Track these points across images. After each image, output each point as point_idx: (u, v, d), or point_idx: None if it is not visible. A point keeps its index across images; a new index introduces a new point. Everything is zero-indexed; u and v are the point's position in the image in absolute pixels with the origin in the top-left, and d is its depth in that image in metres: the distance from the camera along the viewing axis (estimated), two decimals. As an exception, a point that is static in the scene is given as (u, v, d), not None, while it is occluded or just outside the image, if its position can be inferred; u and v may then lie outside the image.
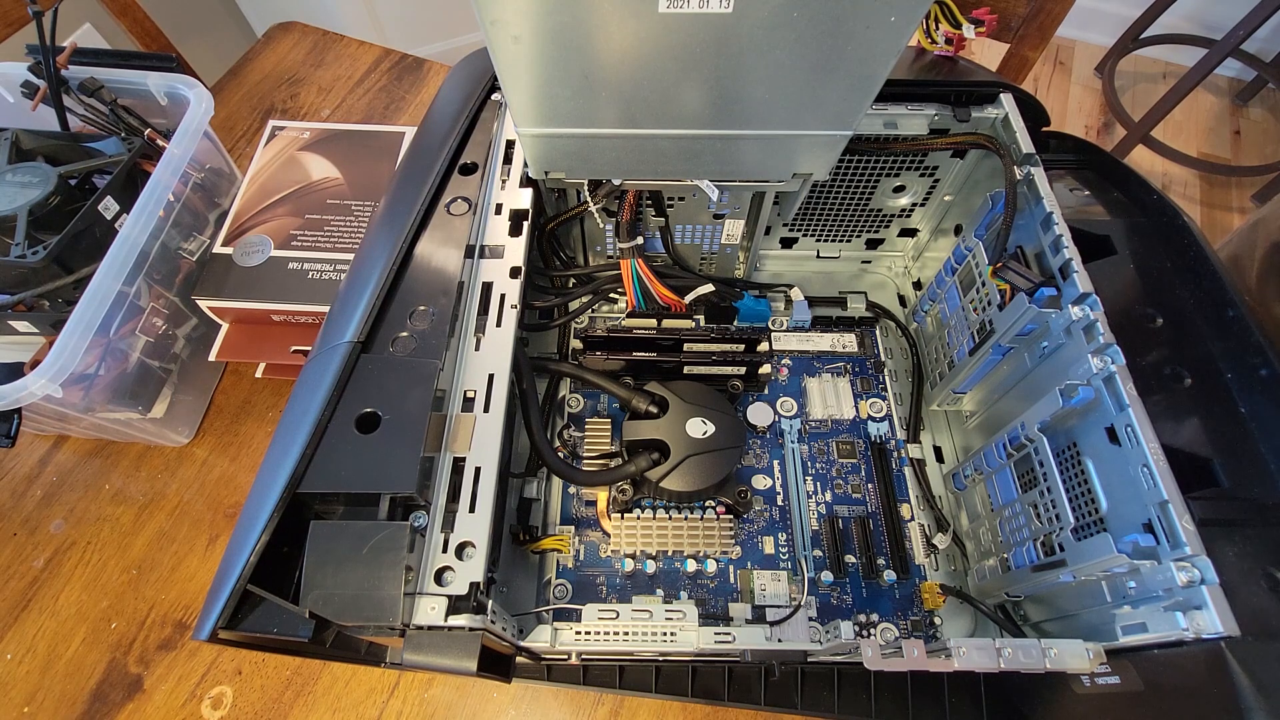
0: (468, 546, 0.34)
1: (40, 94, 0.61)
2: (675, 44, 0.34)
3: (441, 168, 0.46)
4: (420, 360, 0.37)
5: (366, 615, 0.31)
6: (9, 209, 0.53)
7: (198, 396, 0.64)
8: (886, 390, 0.59)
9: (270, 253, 0.61)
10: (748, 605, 0.49)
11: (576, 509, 0.53)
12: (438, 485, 0.36)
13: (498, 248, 0.45)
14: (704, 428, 0.49)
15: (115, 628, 0.54)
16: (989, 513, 0.49)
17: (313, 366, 0.38)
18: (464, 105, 0.49)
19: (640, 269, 0.53)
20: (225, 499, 0.60)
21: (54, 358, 0.46)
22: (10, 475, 0.61)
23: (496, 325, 0.42)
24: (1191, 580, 0.31)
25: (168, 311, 0.60)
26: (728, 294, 0.58)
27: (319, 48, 0.92)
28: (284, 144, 0.68)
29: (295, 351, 0.60)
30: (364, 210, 0.64)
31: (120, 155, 0.59)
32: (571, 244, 0.59)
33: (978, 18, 0.51)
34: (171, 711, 0.51)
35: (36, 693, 0.52)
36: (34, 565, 0.57)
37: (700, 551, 0.50)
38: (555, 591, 0.50)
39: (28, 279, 0.53)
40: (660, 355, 0.53)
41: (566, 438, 0.56)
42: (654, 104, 0.38)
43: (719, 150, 0.42)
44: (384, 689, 0.52)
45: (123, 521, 0.59)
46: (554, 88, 0.37)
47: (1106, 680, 0.34)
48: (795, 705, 0.44)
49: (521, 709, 0.51)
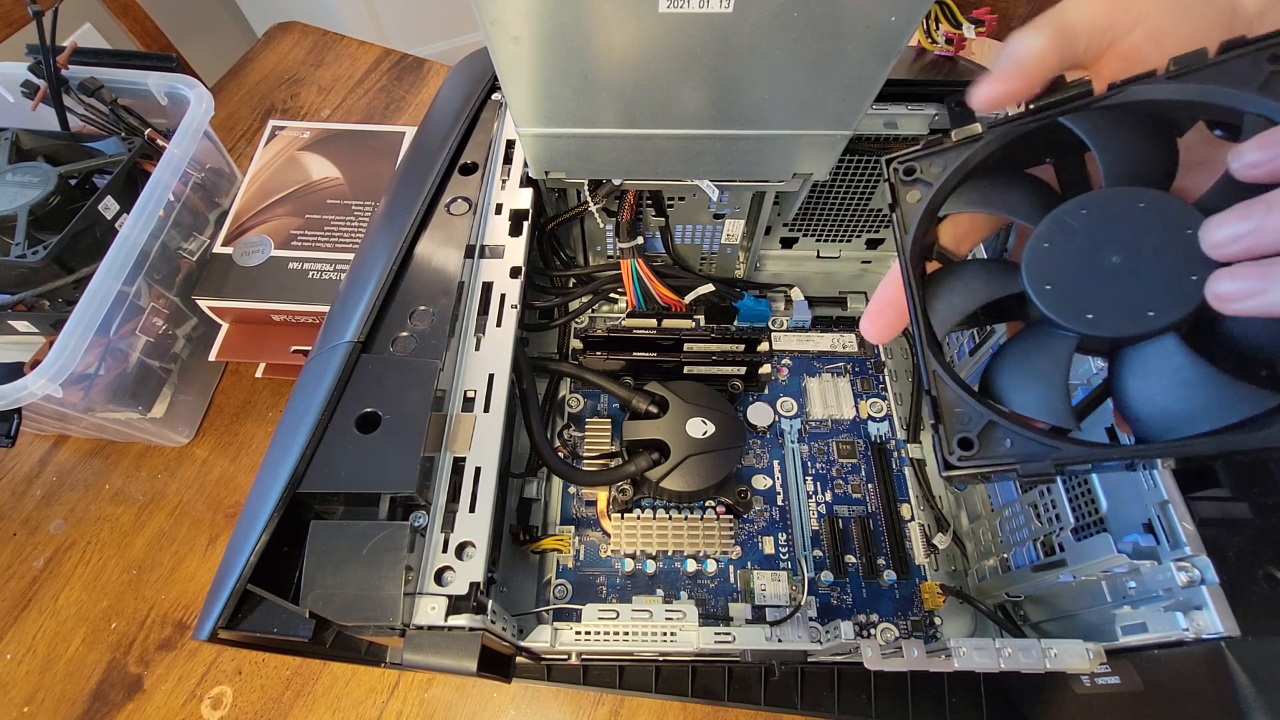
0: (468, 546, 0.34)
1: (40, 94, 0.61)
2: (675, 44, 0.34)
3: (442, 168, 0.46)
4: (420, 360, 0.37)
5: (366, 615, 0.31)
6: (9, 209, 0.53)
7: (198, 396, 0.64)
8: (886, 390, 0.59)
9: (270, 253, 0.61)
10: (748, 605, 0.49)
11: (576, 509, 0.53)
12: (438, 485, 0.36)
13: (498, 248, 0.45)
14: (704, 428, 0.49)
15: (115, 628, 0.54)
16: (989, 513, 0.49)
17: (313, 366, 0.38)
18: (464, 105, 0.49)
19: (640, 269, 0.53)
20: (225, 499, 0.60)
21: (54, 357, 0.46)
22: (10, 475, 0.61)
23: (497, 325, 0.42)
24: (1191, 580, 0.31)
25: (168, 311, 0.60)
26: (728, 294, 0.58)
27: (319, 48, 0.92)
28: (284, 144, 0.68)
29: (295, 351, 0.60)
30: (364, 210, 0.64)
31: (120, 155, 0.59)
32: (571, 244, 0.59)
33: (978, 18, 0.51)
34: (171, 711, 0.51)
35: (36, 693, 0.52)
36: (34, 565, 0.57)
37: (700, 551, 0.50)
38: (555, 591, 0.50)
39: (28, 279, 0.53)
40: (660, 355, 0.53)
41: (566, 438, 0.56)
42: (654, 104, 0.38)
43: (719, 150, 0.42)
44: (384, 689, 0.52)
45: (123, 521, 0.59)
46: (554, 88, 0.37)
47: (1106, 680, 0.34)
48: (795, 705, 0.44)
49: (521, 709, 0.51)
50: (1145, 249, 0.20)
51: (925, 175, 0.25)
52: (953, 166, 0.25)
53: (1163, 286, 0.19)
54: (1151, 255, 0.19)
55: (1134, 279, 0.19)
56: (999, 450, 0.20)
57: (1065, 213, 0.21)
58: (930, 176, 0.25)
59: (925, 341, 0.22)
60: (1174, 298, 0.19)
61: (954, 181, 0.25)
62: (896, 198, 0.25)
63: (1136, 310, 0.19)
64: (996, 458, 0.20)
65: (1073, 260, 0.20)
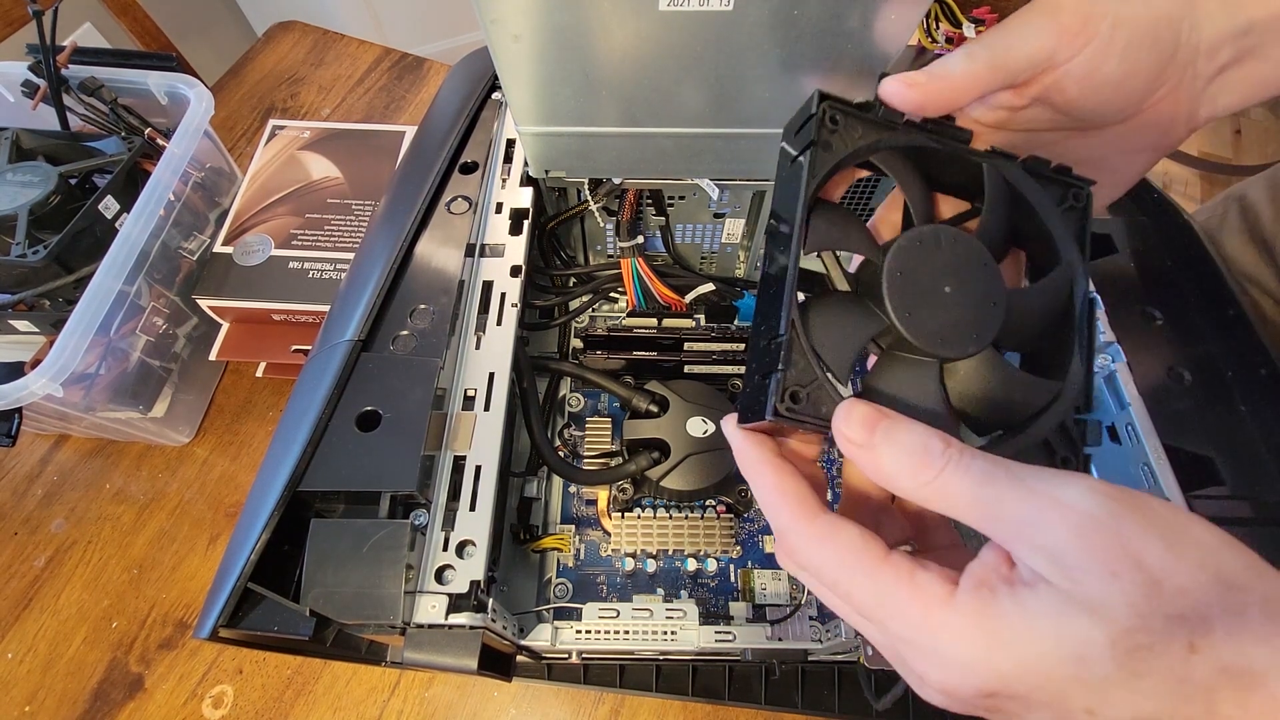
0: (468, 545, 0.34)
1: (40, 93, 0.61)
2: (676, 42, 0.34)
3: (442, 167, 0.46)
4: (421, 359, 0.37)
5: (367, 613, 0.31)
6: (9, 208, 0.53)
7: (198, 396, 0.64)
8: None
9: (270, 252, 0.61)
10: (748, 604, 0.49)
11: (577, 508, 0.53)
12: (438, 484, 0.36)
13: (498, 246, 0.45)
14: (704, 427, 0.49)
15: (116, 627, 0.54)
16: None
17: (313, 365, 0.38)
18: (464, 104, 0.49)
19: (641, 268, 0.53)
20: (226, 498, 0.60)
21: (54, 357, 0.46)
22: (11, 475, 0.61)
23: (497, 324, 0.42)
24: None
25: (168, 311, 0.60)
26: (728, 293, 0.58)
27: (319, 47, 0.92)
28: (284, 143, 0.68)
29: (295, 350, 0.60)
30: (364, 209, 0.64)
31: (120, 155, 0.59)
32: (572, 243, 0.59)
33: (978, 16, 0.51)
34: (173, 710, 0.51)
35: (38, 692, 0.52)
36: (35, 564, 0.57)
37: (700, 551, 0.50)
38: (555, 590, 0.50)
39: (28, 278, 0.53)
40: (660, 354, 0.53)
41: (567, 437, 0.56)
42: (654, 102, 0.38)
43: (719, 149, 0.42)
44: (385, 688, 0.52)
45: (124, 521, 0.59)
46: (554, 86, 0.37)
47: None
48: (796, 705, 0.44)
49: (522, 708, 0.51)
50: (964, 279, 0.24)
51: (843, 134, 0.26)
52: (866, 142, 0.26)
53: (978, 312, 0.24)
54: (968, 285, 0.24)
55: (960, 306, 0.24)
56: (821, 411, 0.23)
57: (903, 246, 0.25)
58: (846, 139, 0.26)
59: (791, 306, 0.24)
60: (988, 322, 0.24)
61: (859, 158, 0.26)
62: (819, 138, 0.25)
63: (967, 334, 0.24)
64: (818, 416, 0.23)
65: (922, 290, 0.24)
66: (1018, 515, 0.19)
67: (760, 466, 0.24)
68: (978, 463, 0.20)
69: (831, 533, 0.22)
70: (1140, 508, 0.18)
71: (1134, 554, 0.17)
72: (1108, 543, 0.17)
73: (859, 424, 0.21)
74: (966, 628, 0.19)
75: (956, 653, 0.19)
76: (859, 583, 0.21)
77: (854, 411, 0.22)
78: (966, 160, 0.27)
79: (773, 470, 0.24)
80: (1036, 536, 0.18)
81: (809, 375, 0.23)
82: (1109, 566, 0.17)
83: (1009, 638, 0.18)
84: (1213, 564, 0.17)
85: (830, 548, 0.22)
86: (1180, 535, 0.18)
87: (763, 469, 0.24)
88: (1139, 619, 0.17)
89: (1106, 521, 0.18)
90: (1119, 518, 0.18)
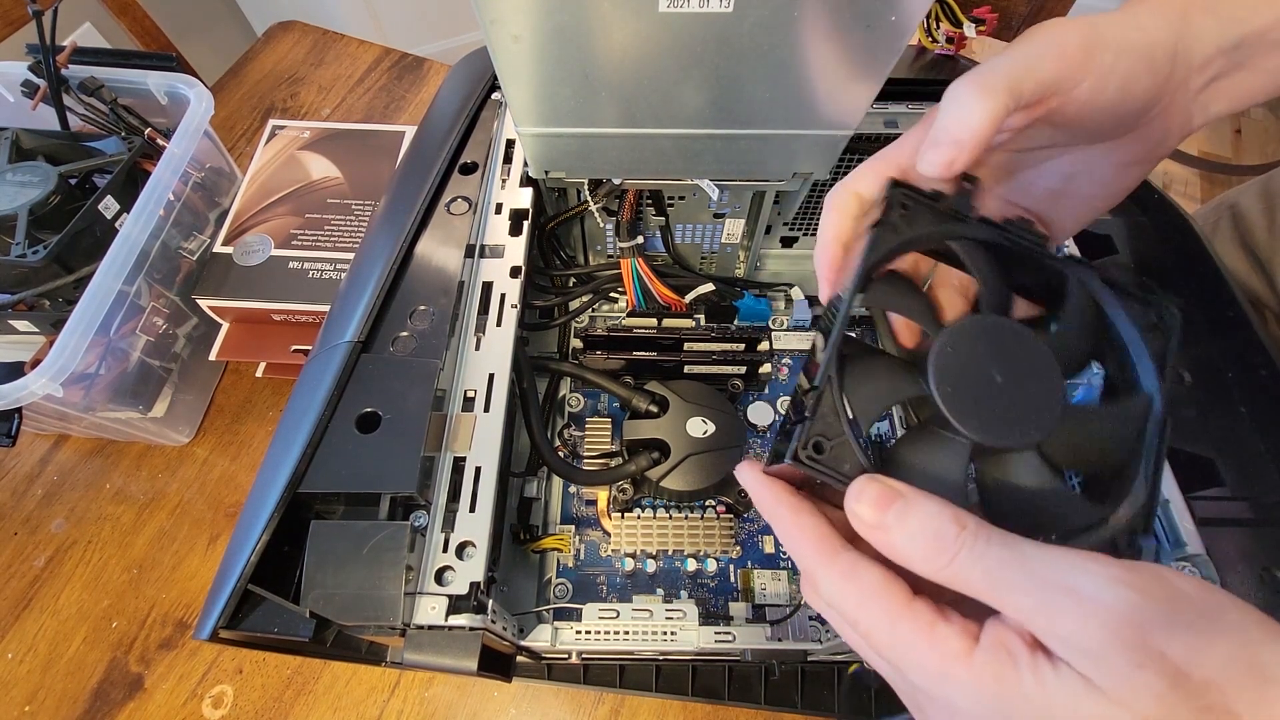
0: (468, 546, 0.34)
1: (40, 93, 0.61)
2: (676, 43, 0.33)
3: (441, 167, 0.46)
4: (420, 360, 0.37)
5: (367, 615, 0.31)
6: (9, 208, 0.53)
7: (198, 396, 0.64)
8: (887, 389, 0.59)
9: (270, 252, 0.61)
10: (748, 604, 0.49)
11: (577, 508, 0.53)
12: (438, 485, 0.36)
13: (498, 247, 0.45)
14: (704, 427, 0.49)
15: (116, 627, 0.54)
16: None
17: (313, 366, 0.38)
18: (464, 105, 0.49)
19: (640, 268, 0.53)
20: (226, 498, 0.60)
21: (54, 357, 0.46)
22: (11, 475, 0.61)
23: (497, 325, 0.42)
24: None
25: (168, 311, 0.60)
26: (728, 293, 0.58)
27: (319, 47, 0.92)
28: (284, 143, 0.68)
29: (295, 351, 0.60)
30: (364, 210, 0.64)
31: (120, 155, 0.59)
32: (571, 243, 0.59)
33: (979, 16, 0.51)
34: (172, 710, 0.51)
35: (38, 692, 0.52)
36: (35, 564, 0.57)
37: (700, 551, 0.50)
38: (555, 591, 0.50)
39: (28, 278, 0.53)
40: (660, 354, 0.53)
41: (567, 437, 0.56)
42: (654, 103, 0.38)
43: (719, 150, 0.42)
44: (385, 688, 0.52)
45: (123, 521, 0.59)
46: (554, 87, 0.37)
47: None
48: (796, 705, 0.44)
49: (522, 708, 0.51)
50: (1020, 375, 0.24)
51: (911, 218, 0.26)
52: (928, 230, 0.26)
53: (1027, 410, 0.23)
54: (1022, 382, 0.24)
55: (1007, 398, 0.24)
56: (840, 468, 0.23)
57: (964, 325, 0.25)
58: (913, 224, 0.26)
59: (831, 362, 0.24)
60: (1036, 423, 0.23)
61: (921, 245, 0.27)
62: (886, 219, 0.26)
63: (1010, 426, 0.23)
64: (838, 471, 0.23)
65: (970, 372, 0.24)
66: (1035, 606, 0.19)
67: (778, 508, 0.24)
68: (993, 548, 0.19)
69: (853, 573, 0.22)
70: (1167, 597, 0.18)
71: (1158, 648, 0.17)
72: (1131, 638, 0.17)
73: (870, 504, 0.21)
74: (984, 690, 0.19)
75: (970, 710, 0.19)
76: (879, 627, 0.21)
77: (867, 491, 0.21)
78: (1040, 262, 0.27)
79: (790, 510, 0.24)
80: (1056, 627, 0.18)
81: (836, 430, 0.23)
82: (1133, 660, 0.17)
83: (1026, 713, 0.18)
84: (1245, 656, 0.17)
85: (852, 588, 0.21)
86: (1211, 623, 0.18)
87: (780, 509, 0.24)
88: (1165, 710, 0.17)
89: (1130, 615, 0.17)
90: (1142, 610, 0.17)
